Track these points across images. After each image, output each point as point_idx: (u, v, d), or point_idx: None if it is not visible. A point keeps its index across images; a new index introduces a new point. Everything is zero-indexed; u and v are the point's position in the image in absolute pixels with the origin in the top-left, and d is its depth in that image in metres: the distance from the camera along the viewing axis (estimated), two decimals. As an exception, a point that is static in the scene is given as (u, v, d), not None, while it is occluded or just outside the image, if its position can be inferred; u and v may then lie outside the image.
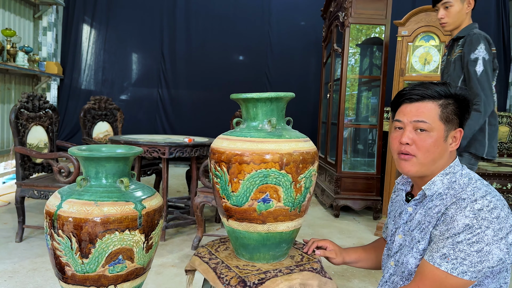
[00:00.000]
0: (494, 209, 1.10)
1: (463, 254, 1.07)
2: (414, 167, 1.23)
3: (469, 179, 1.21)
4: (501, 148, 6.03)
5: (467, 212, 1.10)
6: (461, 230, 1.08)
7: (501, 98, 7.22)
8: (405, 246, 1.30)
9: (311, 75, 7.25)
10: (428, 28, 3.96)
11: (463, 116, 1.24)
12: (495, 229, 1.07)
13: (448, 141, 1.22)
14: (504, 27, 7.12)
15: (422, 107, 1.20)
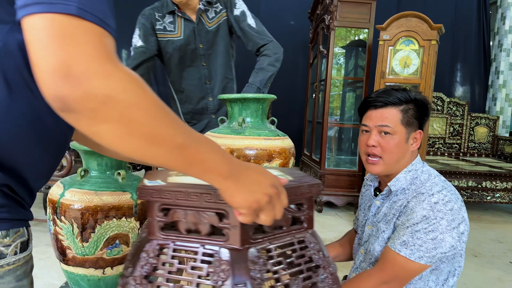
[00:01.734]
0: (449, 202, 1.26)
1: (420, 241, 1.22)
2: (380, 168, 1.38)
3: (428, 175, 1.38)
4: (480, 148, 6.28)
5: (425, 205, 1.26)
6: (419, 220, 1.24)
7: (480, 100, 7.46)
8: (372, 235, 1.45)
9: (299, 75, 7.42)
10: (408, 33, 4.17)
11: (423, 118, 1.39)
12: (449, 220, 1.23)
13: (409, 142, 1.37)
14: (485, 31, 7.36)
15: (386, 113, 1.35)
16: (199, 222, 0.67)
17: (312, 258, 0.74)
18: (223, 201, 0.63)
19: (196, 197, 0.65)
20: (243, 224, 0.64)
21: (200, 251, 0.66)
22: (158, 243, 0.69)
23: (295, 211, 0.73)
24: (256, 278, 0.64)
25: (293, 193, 0.70)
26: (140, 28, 2.15)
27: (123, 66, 0.55)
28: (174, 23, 2.19)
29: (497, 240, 3.94)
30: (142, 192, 0.68)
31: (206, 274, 0.64)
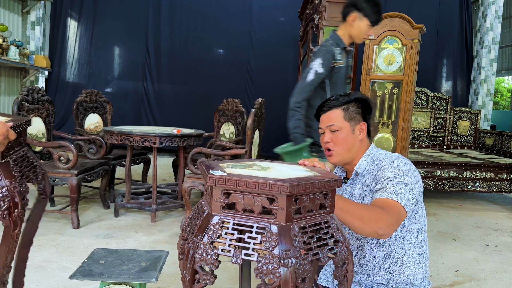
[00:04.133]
0: (407, 164, 1.56)
1: (402, 190, 1.45)
2: (336, 158, 1.67)
3: (385, 154, 1.67)
4: (462, 141, 6.61)
5: (390, 169, 1.54)
6: (392, 177, 1.50)
7: (463, 94, 7.80)
8: None
9: (290, 71, 7.64)
10: (392, 32, 4.43)
11: (365, 112, 1.69)
12: (411, 176, 1.51)
13: (356, 133, 1.66)
14: (467, 28, 7.68)
15: (331, 115, 1.66)
16: (253, 204, 0.91)
17: (334, 235, 0.99)
18: (274, 189, 0.88)
19: (253, 185, 0.89)
20: (287, 207, 0.89)
21: (255, 225, 0.90)
22: (221, 218, 0.93)
23: (322, 199, 0.98)
24: (296, 246, 0.89)
25: (321, 186, 0.95)
26: (324, 59, 2.61)
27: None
28: (341, 54, 2.77)
29: (476, 226, 4.27)
30: (210, 180, 0.92)
31: (260, 242, 0.89)
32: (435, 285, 2.76)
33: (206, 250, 0.91)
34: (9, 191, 1.25)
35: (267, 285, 0.88)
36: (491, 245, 3.68)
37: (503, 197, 5.86)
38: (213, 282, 0.93)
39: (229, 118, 5.00)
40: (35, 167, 1.51)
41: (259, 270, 0.88)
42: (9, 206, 1.25)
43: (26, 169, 1.43)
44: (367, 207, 1.41)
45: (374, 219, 1.35)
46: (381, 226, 1.34)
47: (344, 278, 1.00)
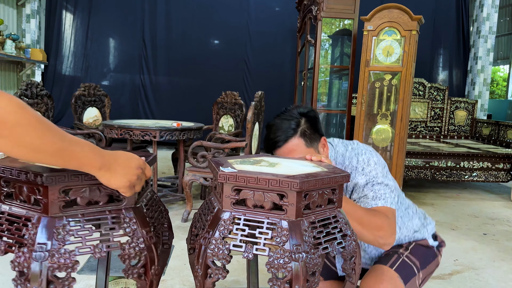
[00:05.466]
0: (368, 160, 1.49)
1: (382, 191, 1.43)
2: None
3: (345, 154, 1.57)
4: (459, 131, 6.65)
5: (357, 177, 1.48)
6: (365, 183, 1.46)
7: (460, 84, 7.84)
8: None
9: (288, 63, 7.65)
10: (390, 23, 4.44)
11: (317, 129, 1.53)
12: (380, 171, 1.48)
13: (320, 151, 1.53)
14: (464, 18, 7.69)
15: (290, 147, 1.47)
16: (263, 200, 0.93)
17: (342, 229, 1.01)
18: (284, 185, 0.90)
19: (264, 182, 0.91)
20: (297, 202, 0.91)
21: (265, 221, 0.92)
22: (232, 214, 0.95)
23: (330, 194, 1.00)
24: (307, 241, 0.91)
25: (329, 181, 0.97)
26: None
27: (4, 92, 0.77)
28: None
29: (473, 215, 4.32)
30: (221, 177, 0.94)
31: (271, 237, 0.91)
32: (434, 275, 2.80)
33: (218, 246, 0.93)
34: (146, 243, 1.00)
35: (278, 279, 0.91)
36: (489, 234, 3.72)
37: (500, 187, 5.91)
38: (225, 276, 0.96)
39: (228, 110, 5.01)
40: (163, 212, 1.26)
41: (271, 264, 0.90)
42: (146, 262, 1.00)
43: (156, 214, 1.19)
44: (370, 212, 1.36)
45: (376, 226, 1.31)
46: (382, 235, 1.31)
47: (352, 271, 1.03)
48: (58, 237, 0.91)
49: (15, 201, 0.98)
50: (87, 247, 0.94)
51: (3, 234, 0.95)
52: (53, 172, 0.91)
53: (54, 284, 0.90)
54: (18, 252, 0.91)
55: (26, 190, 0.95)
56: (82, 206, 0.96)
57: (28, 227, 0.93)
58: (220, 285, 2.44)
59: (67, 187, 0.93)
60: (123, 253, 0.97)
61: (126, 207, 1.00)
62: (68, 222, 0.94)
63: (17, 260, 0.90)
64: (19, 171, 0.92)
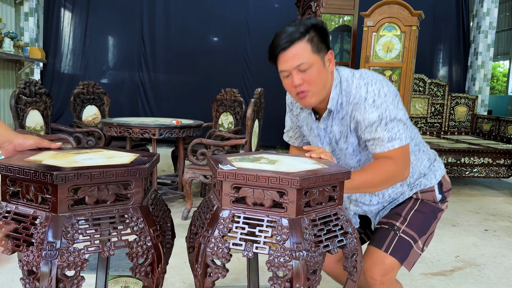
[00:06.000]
0: (379, 91, 1.41)
1: (396, 129, 1.39)
2: (313, 99, 1.45)
3: (347, 82, 1.48)
4: (460, 126, 6.63)
5: (368, 109, 1.40)
6: (379, 121, 1.39)
7: (460, 80, 7.81)
8: (336, 152, 1.60)
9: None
10: (390, 19, 4.41)
11: (326, 40, 1.44)
12: (391, 103, 1.41)
13: (326, 65, 1.44)
14: (464, 13, 7.65)
15: (296, 50, 1.38)
16: (263, 198, 0.92)
17: (343, 226, 1.00)
18: (284, 183, 0.88)
19: (263, 179, 0.90)
20: (297, 200, 0.90)
21: (265, 219, 0.91)
22: (231, 212, 0.94)
23: (331, 191, 0.99)
24: (307, 239, 0.90)
25: (330, 178, 0.96)
26: None
27: None
28: None
29: (474, 211, 4.30)
30: (220, 175, 0.92)
31: (271, 235, 0.89)
32: (435, 271, 2.79)
33: (217, 244, 0.92)
34: (153, 241, 1.00)
35: (279, 278, 0.89)
36: (490, 230, 3.71)
37: (500, 182, 5.90)
38: (224, 275, 0.94)
39: (227, 108, 4.99)
40: (166, 211, 1.27)
41: (271, 263, 0.89)
42: (153, 260, 1.00)
43: (161, 213, 1.19)
44: (375, 170, 1.37)
45: (387, 179, 1.37)
46: (397, 179, 1.40)
47: (353, 269, 1.01)
48: (67, 236, 0.90)
49: (21, 200, 0.97)
50: (96, 245, 0.94)
51: (10, 233, 0.94)
52: (62, 171, 0.90)
53: (63, 283, 0.89)
54: (27, 251, 0.90)
55: (33, 189, 0.94)
56: (90, 205, 0.96)
57: (36, 226, 0.92)
58: (221, 283, 2.43)
59: (76, 186, 0.93)
60: (130, 252, 0.97)
61: (133, 206, 1.00)
62: (77, 220, 0.93)
63: (26, 259, 0.89)
64: (28, 170, 0.91)
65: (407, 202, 1.64)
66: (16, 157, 1.03)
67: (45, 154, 1.12)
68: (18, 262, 0.92)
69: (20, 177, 0.93)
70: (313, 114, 1.61)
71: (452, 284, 2.60)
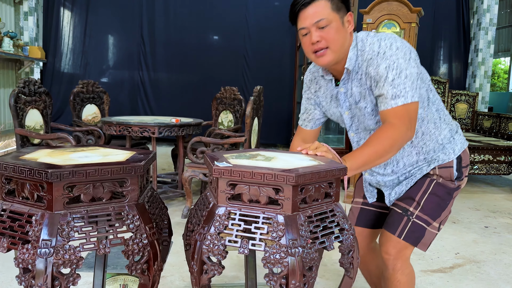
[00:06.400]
0: (391, 45, 1.42)
1: (402, 86, 1.38)
2: (330, 57, 1.46)
3: (362, 42, 1.50)
4: (460, 123, 6.61)
5: (379, 61, 1.42)
6: (385, 73, 1.40)
7: (460, 77, 7.80)
8: (356, 116, 1.60)
9: (287, 57, 7.60)
10: (390, 16, 4.40)
11: (347, 1, 1.46)
12: (402, 57, 1.40)
13: (345, 25, 1.46)
14: (464, 10, 7.63)
15: (316, 7, 1.40)
16: (259, 194, 0.91)
17: (339, 223, 1.00)
18: (279, 180, 0.88)
19: (259, 176, 0.89)
20: (293, 197, 0.90)
21: (261, 216, 0.91)
22: (227, 209, 0.94)
23: (327, 188, 0.98)
24: (303, 235, 0.90)
25: (326, 175, 0.96)
26: None
27: None
28: None
29: (475, 208, 4.30)
30: (215, 172, 0.92)
31: (267, 232, 0.89)
32: (435, 268, 2.79)
33: (213, 241, 0.92)
34: (149, 238, 1.00)
35: (275, 275, 0.89)
36: (490, 227, 3.71)
37: (501, 179, 5.89)
38: (220, 272, 0.94)
39: (227, 106, 4.99)
40: (163, 209, 1.26)
41: (267, 260, 0.88)
42: (149, 258, 1.00)
43: (157, 211, 1.19)
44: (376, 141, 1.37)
45: (390, 145, 1.36)
46: (400, 142, 1.39)
47: (350, 265, 1.01)
48: (63, 234, 0.90)
49: (17, 198, 0.97)
50: (91, 243, 0.94)
51: (5, 232, 0.94)
52: (58, 169, 0.90)
53: (59, 280, 0.89)
54: (22, 248, 0.90)
55: (29, 187, 0.94)
56: (86, 203, 0.96)
57: (31, 223, 0.92)
58: (220, 281, 2.43)
59: (71, 183, 0.93)
60: (126, 249, 0.97)
61: (129, 203, 1.00)
62: (72, 218, 0.93)
63: (21, 257, 0.89)
64: (23, 168, 0.91)
65: (421, 184, 1.61)
66: (11, 155, 1.03)
67: (41, 152, 1.12)
68: (14, 260, 0.92)
69: (15, 175, 0.93)
70: (333, 81, 1.62)
71: (451, 281, 2.60)
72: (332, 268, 2.72)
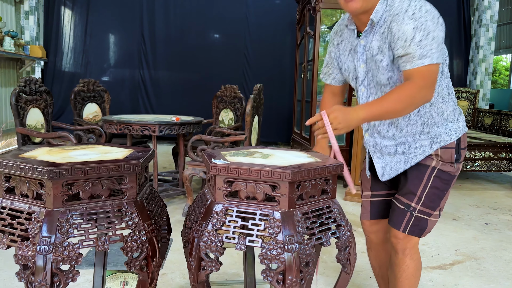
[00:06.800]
0: (421, 7, 1.43)
1: (428, 47, 1.39)
2: (359, 3, 1.48)
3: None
4: (460, 120, 6.60)
5: (406, 21, 1.42)
6: (413, 34, 1.40)
7: (461, 74, 7.79)
8: (370, 70, 1.61)
9: (287, 56, 7.61)
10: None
11: None
12: (430, 19, 1.41)
13: None
14: (465, 7, 7.62)
15: None
16: (256, 191, 0.92)
17: (336, 219, 1.01)
18: (276, 176, 0.89)
19: (256, 173, 0.90)
20: (290, 193, 0.91)
21: (258, 212, 0.92)
22: (225, 206, 0.95)
23: (323, 185, 0.99)
24: (300, 231, 0.91)
25: (322, 172, 0.97)
26: None
27: None
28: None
29: (475, 205, 4.30)
30: (213, 169, 0.93)
31: (263, 228, 0.90)
32: (435, 265, 2.80)
33: (211, 238, 0.93)
34: (147, 235, 1.01)
35: (272, 270, 0.90)
36: (491, 224, 3.71)
37: (502, 176, 5.89)
38: (218, 268, 0.95)
39: (227, 104, 4.99)
40: (162, 206, 1.27)
41: (264, 256, 0.89)
42: (148, 254, 1.01)
43: (156, 208, 1.20)
44: (396, 95, 1.40)
45: (408, 102, 1.39)
46: (418, 101, 1.41)
47: (347, 261, 1.02)
48: (62, 231, 0.91)
49: (16, 195, 0.98)
50: (90, 240, 0.94)
51: (5, 229, 0.95)
52: (57, 167, 0.91)
53: (58, 277, 0.90)
54: (22, 245, 0.91)
55: (28, 185, 0.95)
56: (85, 200, 0.97)
57: (31, 221, 0.93)
58: (220, 278, 2.45)
59: (70, 181, 0.93)
60: (125, 246, 0.98)
61: (127, 201, 1.01)
62: (71, 215, 0.94)
63: (21, 254, 0.90)
64: (22, 165, 0.92)
65: (421, 176, 1.63)
66: (11, 153, 1.04)
67: (40, 150, 1.13)
68: (13, 257, 0.93)
69: (15, 173, 0.94)
70: (355, 31, 1.65)
71: (451, 278, 2.61)
72: (332, 265, 2.72)
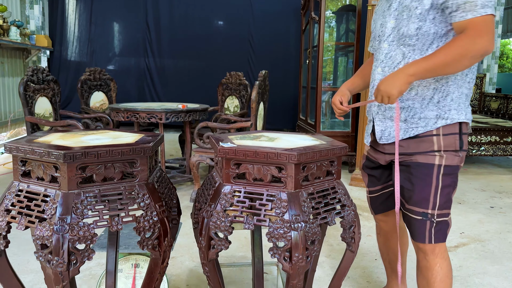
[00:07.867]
0: None
1: None
2: None
3: None
4: (467, 105, 6.58)
5: None
6: None
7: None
8: (397, 26, 1.56)
9: (292, 42, 7.59)
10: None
11: None
12: None
13: None
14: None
15: None
16: (262, 173, 0.96)
17: (341, 199, 1.04)
18: (282, 158, 0.92)
19: (262, 155, 0.94)
20: (295, 175, 0.94)
21: (265, 193, 0.95)
22: (233, 187, 0.98)
23: (328, 166, 1.03)
24: (305, 211, 0.94)
25: (327, 153, 1.00)
26: None
27: None
28: None
29: (481, 189, 4.32)
30: (221, 152, 0.97)
31: (271, 208, 0.94)
32: (440, 247, 2.83)
33: (220, 218, 0.97)
34: (159, 216, 1.05)
35: (279, 248, 0.94)
36: (496, 207, 3.74)
37: (508, 160, 5.89)
38: (227, 247, 0.99)
39: (233, 91, 5.01)
40: (171, 189, 1.31)
41: (271, 234, 0.93)
42: (159, 234, 1.05)
43: (166, 191, 1.24)
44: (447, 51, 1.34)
45: (461, 55, 1.33)
46: (474, 53, 1.33)
47: (351, 239, 1.06)
48: (77, 211, 0.95)
49: (32, 179, 1.02)
50: (104, 220, 0.99)
51: (23, 211, 0.99)
52: (70, 150, 0.95)
53: (74, 255, 0.95)
54: (39, 226, 0.95)
55: (43, 168, 0.98)
56: (98, 183, 1.01)
57: (47, 202, 0.97)
58: (228, 261, 2.50)
59: (84, 164, 0.97)
60: (138, 226, 1.02)
61: (139, 183, 1.05)
62: (86, 197, 0.98)
63: (39, 234, 0.94)
64: (37, 150, 0.96)
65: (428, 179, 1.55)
66: (25, 139, 1.08)
67: (53, 136, 1.16)
68: (32, 236, 0.97)
69: (30, 157, 0.98)
70: None
71: (456, 259, 2.64)
72: (338, 248, 2.77)
